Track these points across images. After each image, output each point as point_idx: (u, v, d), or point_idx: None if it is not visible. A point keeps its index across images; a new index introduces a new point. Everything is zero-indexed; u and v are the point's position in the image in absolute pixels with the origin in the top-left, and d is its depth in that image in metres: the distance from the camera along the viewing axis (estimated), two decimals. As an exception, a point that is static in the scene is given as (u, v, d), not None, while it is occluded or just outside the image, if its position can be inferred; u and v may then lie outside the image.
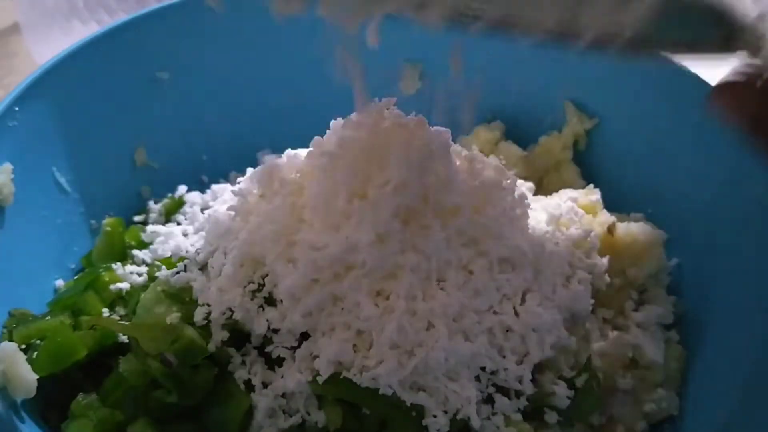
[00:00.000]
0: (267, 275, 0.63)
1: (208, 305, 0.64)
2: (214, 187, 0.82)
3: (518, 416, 0.62)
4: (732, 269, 0.72)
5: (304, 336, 0.62)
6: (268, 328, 0.63)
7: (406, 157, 0.61)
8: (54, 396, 0.64)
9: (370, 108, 0.65)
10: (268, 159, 0.76)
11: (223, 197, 0.76)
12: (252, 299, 0.63)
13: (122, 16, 0.84)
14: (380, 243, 0.60)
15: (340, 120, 0.66)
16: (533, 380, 0.64)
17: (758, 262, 0.69)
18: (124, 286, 0.70)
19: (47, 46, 1.05)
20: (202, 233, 0.72)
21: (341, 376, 0.59)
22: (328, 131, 0.67)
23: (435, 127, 0.66)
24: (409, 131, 0.63)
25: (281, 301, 0.62)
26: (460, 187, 0.64)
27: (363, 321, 0.60)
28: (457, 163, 0.66)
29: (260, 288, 0.64)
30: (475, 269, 0.63)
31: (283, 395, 0.61)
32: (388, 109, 0.65)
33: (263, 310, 0.63)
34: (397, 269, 0.61)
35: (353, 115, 0.65)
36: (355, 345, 0.60)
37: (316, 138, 0.67)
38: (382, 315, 0.60)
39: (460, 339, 0.60)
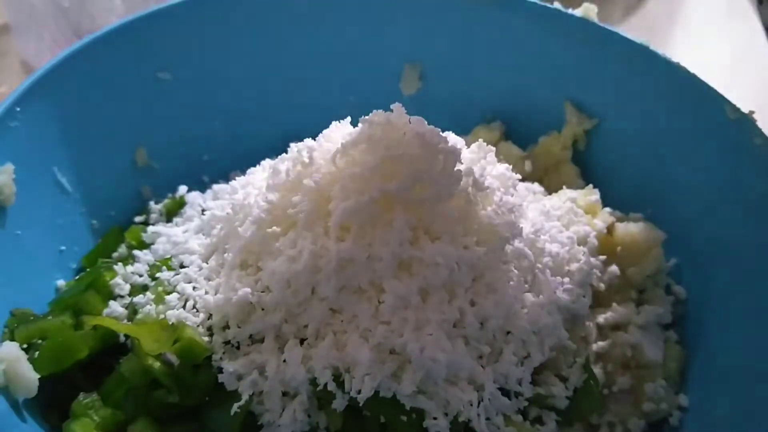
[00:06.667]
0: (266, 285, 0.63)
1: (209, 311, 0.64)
2: (215, 187, 0.81)
3: (518, 416, 0.62)
4: (732, 269, 0.72)
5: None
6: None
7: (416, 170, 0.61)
8: (55, 396, 0.64)
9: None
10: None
11: (222, 199, 0.76)
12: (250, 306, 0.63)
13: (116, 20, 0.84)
14: (377, 254, 0.60)
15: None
16: (533, 381, 0.64)
17: (758, 262, 0.70)
18: (125, 286, 0.70)
19: (35, 46, 1.06)
20: (202, 233, 0.72)
21: (341, 380, 0.59)
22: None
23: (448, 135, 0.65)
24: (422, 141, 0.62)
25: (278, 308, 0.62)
26: (462, 196, 0.63)
27: (361, 330, 0.60)
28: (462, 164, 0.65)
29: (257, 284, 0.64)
30: (475, 273, 0.63)
31: (285, 396, 0.61)
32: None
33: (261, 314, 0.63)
34: (396, 275, 0.61)
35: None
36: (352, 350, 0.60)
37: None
38: (380, 323, 0.60)
39: (461, 344, 0.61)
